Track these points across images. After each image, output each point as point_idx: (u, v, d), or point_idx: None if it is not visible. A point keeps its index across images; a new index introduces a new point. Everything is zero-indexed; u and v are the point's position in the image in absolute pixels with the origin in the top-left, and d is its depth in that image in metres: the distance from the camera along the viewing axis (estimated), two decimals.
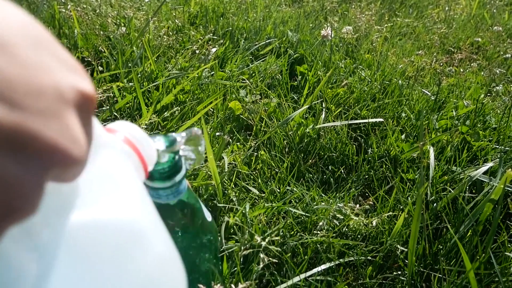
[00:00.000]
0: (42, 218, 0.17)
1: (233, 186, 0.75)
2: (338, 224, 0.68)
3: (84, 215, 0.19)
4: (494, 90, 1.30)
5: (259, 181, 0.77)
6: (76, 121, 0.16)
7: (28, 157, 0.14)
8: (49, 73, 0.15)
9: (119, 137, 0.27)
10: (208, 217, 0.46)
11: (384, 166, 0.87)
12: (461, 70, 1.47)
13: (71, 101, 0.16)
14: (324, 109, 1.00)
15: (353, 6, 2.00)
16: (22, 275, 0.16)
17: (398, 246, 0.67)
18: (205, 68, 1.08)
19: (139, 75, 1.03)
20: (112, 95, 0.95)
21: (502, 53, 1.64)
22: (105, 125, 0.28)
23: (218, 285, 0.45)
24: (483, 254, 0.61)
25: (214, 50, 1.21)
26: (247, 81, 1.10)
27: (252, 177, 0.79)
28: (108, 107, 0.91)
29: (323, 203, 0.73)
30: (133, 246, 0.21)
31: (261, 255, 0.55)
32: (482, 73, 1.43)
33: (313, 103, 1.02)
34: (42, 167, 0.14)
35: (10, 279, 0.16)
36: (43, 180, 0.15)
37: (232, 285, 0.48)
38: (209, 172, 0.72)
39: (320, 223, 0.67)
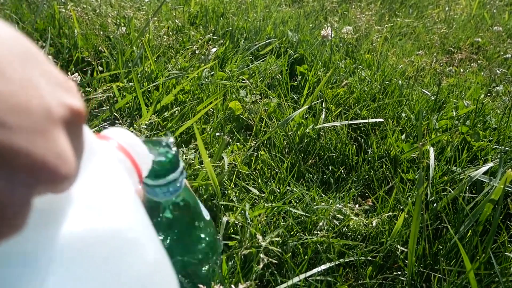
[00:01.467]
0: (33, 229, 0.17)
1: (233, 186, 0.75)
2: (338, 224, 0.68)
3: (77, 224, 0.19)
4: (494, 90, 1.30)
5: (259, 181, 0.77)
6: (64, 137, 0.16)
7: (15, 174, 0.13)
8: (36, 90, 0.15)
9: (113, 144, 0.27)
10: (206, 215, 0.46)
11: (384, 166, 0.87)
12: (461, 70, 1.47)
13: (59, 117, 0.16)
14: (324, 109, 1.00)
15: (353, 6, 2.00)
16: (17, 285, 0.16)
17: (398, 246, 0.67)
18: (205, 68, 1.08)
19: (139, 75, 1.03)
20: (112, 95, 0.95)
21: (502, 53, 1.64)
22: (104, 126, 0.28)
23: (218, 285, 0.45)
24: (483, 254, 0.61)
25: (214, 50, 1.21)
26: (247, 81, 1.10)
27: (252, 177, 0.79)
28: (108, 107, 0.91)
29: (323, 203, 0.73)
30: (126, 254, 0.21)
31: (261, 255, 0.55)
32: (482, 73, 1.43)
33: (313, 103, 1.02)
34: (29, 184, 0.14)
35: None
36: (30, 196, 0.14)
37: (232, 285, 0.49)
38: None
39: (320, 223, 0.67)
